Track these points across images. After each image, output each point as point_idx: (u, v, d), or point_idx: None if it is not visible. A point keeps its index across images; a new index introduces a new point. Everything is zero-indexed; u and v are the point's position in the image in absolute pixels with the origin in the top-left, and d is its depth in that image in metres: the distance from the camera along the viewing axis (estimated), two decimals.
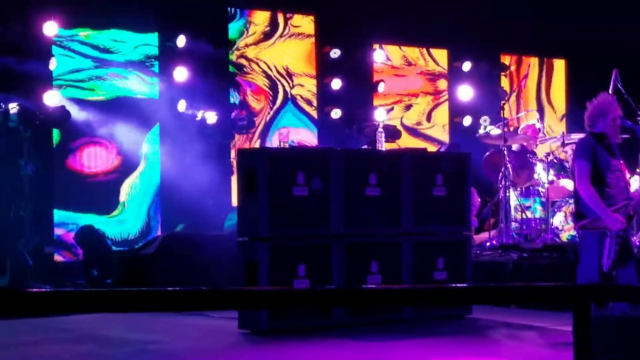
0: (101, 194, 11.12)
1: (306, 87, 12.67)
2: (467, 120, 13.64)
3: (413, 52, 13.65)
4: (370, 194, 8.08)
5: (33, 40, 10.50)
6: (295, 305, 3.52)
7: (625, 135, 7.88)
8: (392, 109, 13.34)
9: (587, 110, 7.34)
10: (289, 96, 12.49)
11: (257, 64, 12.21)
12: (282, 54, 12.33)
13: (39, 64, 10.47)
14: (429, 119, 13.64)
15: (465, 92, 13.57)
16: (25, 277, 9.40)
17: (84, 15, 11.00)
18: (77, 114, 10.76)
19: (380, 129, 9.78)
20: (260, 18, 12.13)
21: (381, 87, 13.06)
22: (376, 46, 13.11)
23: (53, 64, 10.60)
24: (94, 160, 11.16)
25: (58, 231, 10.81)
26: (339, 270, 7.83)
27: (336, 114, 12.66)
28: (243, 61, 12.09)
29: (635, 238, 10.18)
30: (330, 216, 7.83)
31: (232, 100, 12.04)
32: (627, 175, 8.05)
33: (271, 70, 12.30)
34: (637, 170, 10.19)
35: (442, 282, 8.19)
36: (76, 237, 10.18)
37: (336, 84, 12.66)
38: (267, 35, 12.26)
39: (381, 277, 8.00)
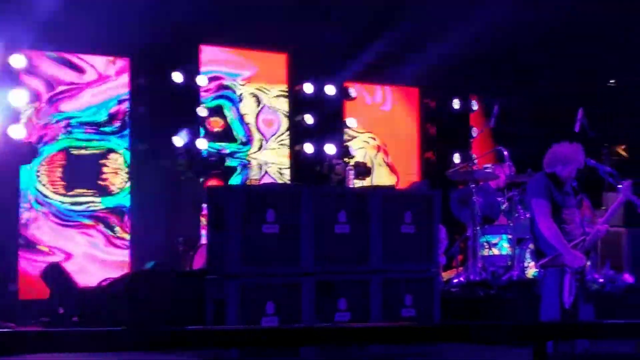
0: None
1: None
2: (436, 157, 13.74)
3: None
4: (340, 231, 8.10)
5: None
6: (263, 343, 3.52)
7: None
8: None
9: (550, 151, 7.42)
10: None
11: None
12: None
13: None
14: None
15: (434, 130, 13.70)
16: None
17: None
18: None
19: (350, 167, 9.84)
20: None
21: (351, 123, 13.15)
22: (348, 84, 13.23)
23: (16, 98, 10.53)
24: None
25: None
26: (309, 307, 7.82)
27: (309, 148, 12.70)
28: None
29: (597, 275, 10.28)
30: (300, 253, 7.84)
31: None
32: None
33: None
34: (602, 207, 10.30)
35: (410, 319, 8.22)
36: (43, 275, 10.10)
37: (308, 119, 12.73)
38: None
39: (350, 315, 8.01)
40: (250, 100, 12.85)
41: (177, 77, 11.75)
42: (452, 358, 8.05)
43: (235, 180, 12.29)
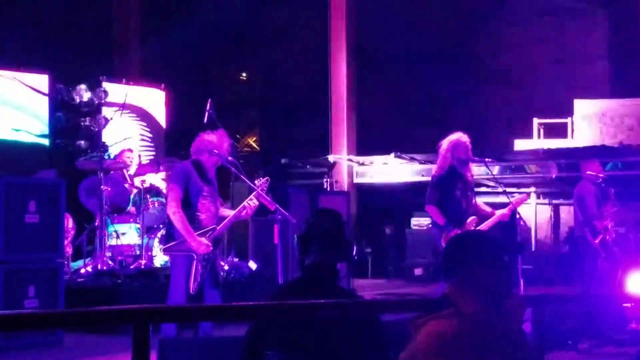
0: None
1: None
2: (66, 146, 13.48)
3: None
4: None
5: None
6: None
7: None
8: None
9: (198, 139, 7.55)
10: None
11: None
12: None
13: None
14: None
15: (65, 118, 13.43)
16: None
17: None
18: None
19: None
20: None
21: None
22: None
23: None
24: None
25: None
26: None
27: None
28: None
29: (223, 262, 10.67)
30: None
31: None
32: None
33: None
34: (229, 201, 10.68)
35: (33, 309, 8.04)
36: None
37: None
38: None
39: None
40: None
41: None
42: (70, 346, 8.07)
43: None
